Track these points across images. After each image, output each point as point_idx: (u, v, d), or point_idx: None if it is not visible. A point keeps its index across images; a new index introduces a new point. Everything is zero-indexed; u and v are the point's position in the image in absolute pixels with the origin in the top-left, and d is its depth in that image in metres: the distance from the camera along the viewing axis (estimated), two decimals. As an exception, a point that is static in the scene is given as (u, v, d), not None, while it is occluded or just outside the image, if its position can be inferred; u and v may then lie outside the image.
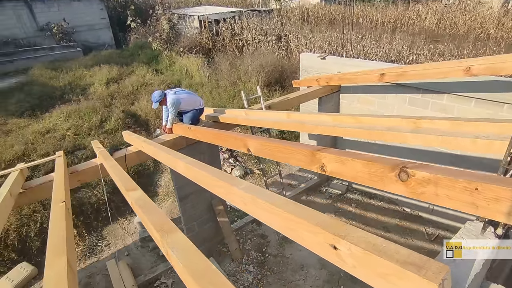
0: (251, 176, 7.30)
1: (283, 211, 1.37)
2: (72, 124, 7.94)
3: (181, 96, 4.37)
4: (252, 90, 9.20)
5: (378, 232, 5.46)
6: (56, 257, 1.44)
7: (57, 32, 15.43)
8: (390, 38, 11.70)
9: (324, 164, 1.79)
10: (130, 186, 2.11)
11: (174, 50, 12.96)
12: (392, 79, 4.50)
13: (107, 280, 4.99)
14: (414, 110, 4.96)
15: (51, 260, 1.44)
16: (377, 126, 2.37)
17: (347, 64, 5.75)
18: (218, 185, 1.87)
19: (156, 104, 4.34)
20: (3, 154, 6.90)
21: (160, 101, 4.33)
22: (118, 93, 10.24)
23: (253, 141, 2.42)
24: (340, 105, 6.11)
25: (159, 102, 4.32)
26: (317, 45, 11.12)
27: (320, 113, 2.96)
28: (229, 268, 5.11)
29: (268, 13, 15.69)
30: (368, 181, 1.54)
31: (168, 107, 4.32)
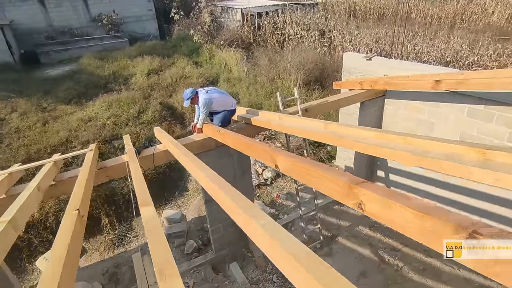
0: (282, 178, 7.02)
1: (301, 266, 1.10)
2: (112, 114, 8.22)
3: (213, 95, 4.18)
4: (290, 89, 8.85)
5: (418, 254, 4.93)
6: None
7: (107, 23, 16.21)
8: (447, 36, 10.56)
9: (362, 202, 1.48)
10: (144, 200, 1.96)
11: (214, 43, 12.95)
12: (450, 87, 3.93)
13: (132, 272, 5.06)
14: (473, 123, 4.31)
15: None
16: (432, 152, 1.97)
17: (395, 67, 5.18)
18: (237, 212, 1.64)
19: (187, 102, 4.18)
20: (50, 139, 7.33)
21: (191, 98, 4.17)
22: (157, 85, 10.44)
23: (282, 158, 2.15)
24: (384, 111, 5.57)
25: (190, 100, 4.17)
26: (362, 43, 10.37)
27: (362, 127, 2.58)
28: (252, 275, 4.93)
29: (312, 7, 15.05)
30: (418, 237, 1.20)
31: (200, 106, 4.17)
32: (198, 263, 5.08)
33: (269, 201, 6.46)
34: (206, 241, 5.56)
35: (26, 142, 7.21)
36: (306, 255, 1.16)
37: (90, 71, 11.71)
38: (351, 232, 5.51)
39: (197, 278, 4.92)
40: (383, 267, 4.82)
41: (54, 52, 14.58)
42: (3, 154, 6.79)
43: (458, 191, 4.80)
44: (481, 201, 4.52)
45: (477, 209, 4.61)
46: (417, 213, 1.18)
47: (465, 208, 4.75)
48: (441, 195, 5.06)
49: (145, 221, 1.70)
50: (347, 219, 5.78)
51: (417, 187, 5.43)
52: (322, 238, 5.24)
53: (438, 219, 1.11)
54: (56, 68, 13.02)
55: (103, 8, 16.48)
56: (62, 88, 10.15)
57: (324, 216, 5.85)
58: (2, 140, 7.41)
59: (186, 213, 6.27)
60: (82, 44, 15.28)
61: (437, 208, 1.19)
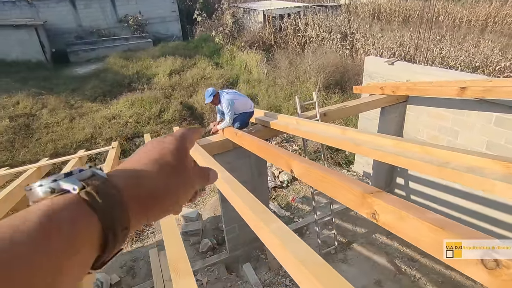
0: (298, 182, 6.99)
1: (310, 274, 1.11)
2: (135, 112, 8.49)
3: (235, 97, 4.23)
4: (309, 92, 8.79)
5: (437, 266, 4.76)
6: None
7: (133, 24, 16.73)
8: (476, 40, 10.14)
9: (376, 211, 1.46)
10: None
11: (235, 45, 13.07)
12: (476, 94, 3.78)
13: (148, 267, 5.21)
14: (502, 133, 4.12)
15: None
16: (452, 163, 1.91)
17: (418, 72, 5.04)
18: (250, 216, 1.67)
19: (210, 98, 4.17)
20: (76, 135, 7.67)
21: (213, 95, 4.16)
22: (178, 85, 10.68)
23: (297, 163, 2.16)
24: (406, 117, 5.42)
25: (211, 99, 4.16)
26: (385, 46, 10.14)
27: (379, 134, 2.54)
28: (264, 277, 4.94)
29: (335, 9, 14.88)
30: (433, 251, 1.18)
31: (223, 108, 4.18)
32: (212, 262, 5.15)
33: (285, 204, 6.45)
34: (221, 241, 5.63)
35: (54, 137, 7.58)
36: (315, 262, 1.17)
37: (115, 70, 12.14)
38: (367, 239, 5.41)
39: (210, 276, 4.99)
40: (399, 277, 4.70)
41: (83, 52, 15.23)
42: (33, 148, 7.17)
43: (480, 202, 4.60)
44: (504, 213, 4.32)
45: (499, 221, 4.41)
46: (433, 227, 1.16)
47: (487, 219, 4.55)
48: (462, 205, 4.87)
49: (161, 220, 1.76)
50: (363, 225, 5.67)
51: (437, 196, 5.26)
52: (337, 244, 5.18)
53: (455, 233, 1.09)
54: (84, 66, 13.60)
55: (129, 9, 17.03)
56: (89, 86, 10.59)
57: (340, 222, 5.77)
58: (32, 134, 7.84)
59: (202, 212, 6.37)
60: (108, 44, 15.86)
61: (454, 224, 1.16)
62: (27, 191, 0.30)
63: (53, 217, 0.26)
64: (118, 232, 0.30)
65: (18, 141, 7.53)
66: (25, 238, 0.24)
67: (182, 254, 1.36)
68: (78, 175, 0.31)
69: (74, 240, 0.27)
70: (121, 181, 0.33)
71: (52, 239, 0.25)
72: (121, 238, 0.31)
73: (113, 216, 0.30)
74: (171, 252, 1.38)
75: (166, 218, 1.79)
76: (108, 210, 0.29)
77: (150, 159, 0.37)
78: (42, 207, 0.27)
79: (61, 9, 15.81)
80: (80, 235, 0.28)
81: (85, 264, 0.29)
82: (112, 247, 0.30)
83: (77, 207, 0.28)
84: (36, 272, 0.24)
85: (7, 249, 0.23)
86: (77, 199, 0.29)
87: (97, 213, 0.29)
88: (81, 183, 0.30)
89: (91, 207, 0.29)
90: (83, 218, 0.28)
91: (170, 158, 0.38)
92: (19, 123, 8.15)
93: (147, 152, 0.38)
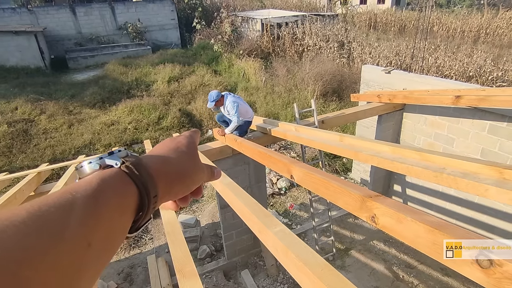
0: (296, 188, 7.03)
1: (314, 275, 1.15)
2: (134, 119, 8.52)
3: (239, 101, 4.23)
4: (307, 99, 8.90)
5: (435, 273, 4.79)
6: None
7: (132, 31, 16.88)
8: (470, 50, 10.37)
9: (375, 215, 1.51)
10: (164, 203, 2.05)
11: (234, 53, 13.22)
12: (471, 103, 3.87)
13: (146, 273, 5.18)
14: (495, 141, 4.22)
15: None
16: (448, 169, 1.98)
17: (415, 80, 5.15)
18: (253, 220, 1.71)
19: (212, 103, 4.06)
20: (75, 141, 7.68)
21: (216, 101, 4.06)
22: (177, 92, 10.75)
23: (297, 169, 2.21)
24: (403, 125, 5.52)
25: (215, 103, 4.06)
26: (382, 55, 10.33)
27: (377, 141, 2.61)
28: (263, 284, 4.94)
29: (332, 18, 15.14)
30: (430, 252, 1.23)
31: (229, 109, 4.05)
32: (210, 268, 5.14)
33: (283, 210, 6.48)
34: (219, 247, 5.62)
35: (52, 143, 7.58)
36: (317, 263, 1.21)
37: (114, 77, 12.21)
38: (365, 246, 5.43)
39: (208, 283, 4.98)
40: (397, 284, 4.71)
41: (82, 58, 15.30)
42: (31, 153, 7.16)
43: (475, 208, 4.67)
44: (498, 219, 4.40)
45: (494, 227, 4.49)
46: (429, 228, 1.21)
47: (481, 225, 4.62)
48: (457, 212, 4.94)
49: (165, 223, 1.80)
50: (361, 232, 5.71)
51: (433, 203, 5.33)
52: (335, 251, 5.20)
53: (449, 234, 1.14)
54: (83, 73, 13.66)
55: (129, 17, 17.20)
56: (88, 93, 10.63)
57: (338, 229, 5.80)
58: (30, 140, 7.83)
59: (200, 219, 6.37)
60: (107, 51, 15.96)
61: (449, 225, 1.22)
62: (78, 169, 0.37)
63: (106, 182, 0.33)
64: (151, 197, 0.37)
65: (16, 146, 7.52)
66: (89, 192, 0.31)
67: (187, 255, 1.39)
68: (118, 154, 0.38)
69: (122, 201, 0.34)
70: (149, 160, 0.40)
71: (110, 197, 0.32)
72: (152, 204, 0.38)
73: (147, 185, 0.36)
74: (176, 253, 1.42)
75: (169, 220, 1.82)
76: (143, 179, 0.36)
77: (169, 149, 0.45)
78: (97, 176, 0.34)
79: (60, 16, 15.94)
80: (125, 199, 0.34)
81: (127, 226, 0.36)
82: (145, 209, 0.37)
83: (120, 177, 0.35)
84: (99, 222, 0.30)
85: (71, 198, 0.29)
86: (119, 171, 0.36)
87: (135, 182, 0.36)
88: (121, 160, 0.37)
89: (130, 177, 0.36)
90: (125, 186, 0.35)
91: (184, 148, 0.47)
92: (17, 128, 8.15)
93: (164, 146, 0.47)
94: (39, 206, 0.27)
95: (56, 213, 0.27)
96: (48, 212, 0.27)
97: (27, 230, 0.24)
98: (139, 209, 0.36)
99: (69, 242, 0.27)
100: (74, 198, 0.29)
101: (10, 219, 0.25)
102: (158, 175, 0.39)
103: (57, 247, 0.25)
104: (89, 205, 0.30)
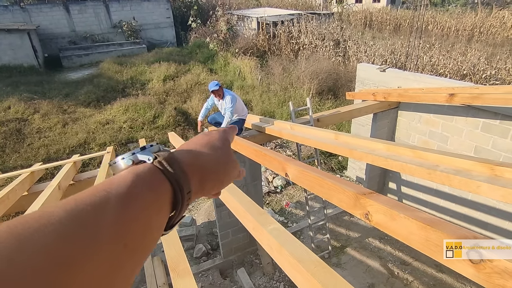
0: (292, 187, 7.05)
1: (308, 273, 1.16)
2: (129, 117, 8.47)
3: (238, 98, 4.24)
4: (302, 98, 8.91)
5: (429, 269, 4.84)
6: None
7: (127, 30, 16.75)
8: (464, 49, 10.46)
9: (369, 212, 1.52)
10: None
11: (229, 51, 13.19)
12: (464, 101, 3.90)
13: (142, 272, 5.16)
14: (488, 138, 4.26)
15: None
16: (441, 166, 1.99)
17: (409, 78, 5.18)
18: (247, 219, 1.71)
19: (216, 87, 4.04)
20: (69, 140, 7.61)
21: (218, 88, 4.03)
22: (173, 90, 10.70)
23: (292, 167, 2.21)
24: (398, 123, 5.55)
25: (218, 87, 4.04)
26: (377, 54, 10.37)
27: (372, 139, 2.62)
28: (259, 282, 4.95)
29: (328, 17, 15.16)
30: (422, 248, 1.24)
31: (227, 102, 4.06)
32: (206, 267, 5.14)
33: (279, 209, 6.49)
34: (215, 246, 5.62)
35: (46, 142, 7.51)
36: (311, 261, 1.22)
37: (109, 75, 12.11)
38: (361, 244, 5.47)
39: (204, 282, 4.98)
40: (392, 280, 4.75)
41: (76, 57, 15.16)
42: (25, 153, 7.09)
43: (469, 206, 4.73)
44: (490, 216, 4.46)
45: (487, 223, 4.55)
46: (422, 225, 1.22)
47: (474, 222, 4.68)
48: (452, 209, 4.99)
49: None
50: (356, 230, 5.74)
51: (427, 200, 5.37)
52: (330, 248, 5.22)
53: (441, 232, 1.15)
54: (77, 72, 13.53)
55: (123, 15, 17.06)
56: (82, 92, 10.54)
57: (334, 226, 5.82)
58: (24, 139, 7.75)
59: (196, 217, 6.36)
60: (102, 49, 15.82)
61: (441, 221, 1.23)
62: (111, 165, 0.37)
63: (140, 178, 0.32)
64: (185, 194, 0.36)
65: (9, 146, 7.44)
66: (123, 189, 0.30)
67: (181, 254, 1.39)
68: (150, 149, 0.38)
69: (157, 197, 0.33)
70: (181, 155, 0.39)
71: (145, 194, 0.31)
72: (186, 200, 0.37)
73: (180, 181, 0.35)
74: (170, 252, 1.41)
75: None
76: (176, 175, 0.35)
77: (201, 144, 0.44)
78: (132, 171, 0.33)
79: (54, 14, 15.76)
80: (160, 196, 0.33)
81: (163, 224, 0.35)
82: (179, 205, 0.36)
83: (154, 173, 0.34)
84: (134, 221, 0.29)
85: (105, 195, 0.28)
86: (153, 167, 0.35)
87: (169, 178, 0.35)
88: (153, 155, 0.36)
89: (163, 174, 0.35)
90: (159, 182, 0.34)
91: (217, 143, 0.45)
92: (10, 128, 8.05)
93: (196, 141, 0.45)
94: (76, 204, 0.26)
95: (92, 212, 0.26)
96: (85, 211, 0.26)
97: (65, 231, 0.23)
98: (174, 206, 0.35)
99: (106, 244, 0.25)
100: (109, 195, 0.28)
101: (48, 217, 0.23)
102: (191, 170, 0.38)
103: (95, 251, 0.24)
104: (124, 203, 0.29)
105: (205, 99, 9.07)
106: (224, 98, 4.10)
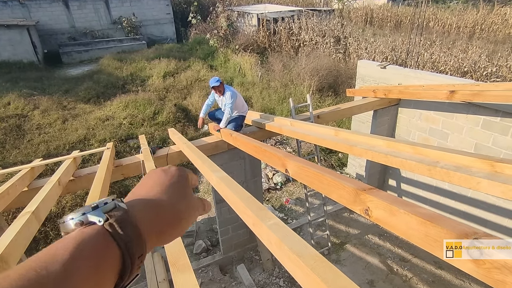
0: (292, 183, 7.05)
1: (307, 267, 1.16)
2: (129, 114, 8.45)
3: (237, 94, 4.21)
4: (303, 95, 8.89)
5: (428, 266, 4.86)
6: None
7: (127, 26, 16.69)
8: (465, 46, 10.41)
9: (369, 208, 1.52)
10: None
11: (230, 47, 13.14)
12: (465, 98, 3.90)
13: (142, 268, 5.18)
14: (488, 136, 4.26)
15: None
16: (441, 163, 1.99)
17: (410, 75, 5.17)
18: (247, 214, 1.71)
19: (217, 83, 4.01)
20: (69, 136, 7.61)
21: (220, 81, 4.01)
22: (173, 87, 10.68)
23: (292, 163, 2.21)
24: (398, 120, 5.54)
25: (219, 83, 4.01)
26: (378, 50, 10.33)
27: (373, 136, 2.62)
28: (258, 278, 4.97)
29: (329, 13, 15.08)
30: (422, 243, 1.24)
31: (227, 98, 4.04)
32: (206, 263, 5.16)
33: (278, 205, 6.50)
34: (215, 242, 5.64)
35: (46, 139, 7.50)
36: (311, 255, 1.22)
37: (109, 71, 12.08)
38: (360, 240, 5.48)
39: (204, 278, 4.99)
40: (391, 277, 4.77)
41: (76, 53, 15.11)
42: (25, 149, 7.09)
43: (469, 203, 4.73)
44: (491, 213, 4.47)
45: (486, 220, 4.56)
46: (422, 220, 1.22)
47: (475, 219, 4.68)
48: (451, 206, 5.00)
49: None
50: (356, 227, 5.75)
51: (427, 197, 5.38)
52: (330, 245, 5.24)
53: (441, 227, 1.15)
54: (77, 68, 13.49)
55: (123, 11, 16.98)
56: (82, 88, 10.51)
57: (333, 223, 5.84)
58: (24, 135, 7.74)
59: (196, 214, 6.37)
60: (102, 45, 15.77)
61: (441, 217, 1.23)
62: (60, 224, 0.35)
63: (82, 247, 0.31)
64: (135, 259, 0.34)
65: (9, 142, 7.43)
66: (59, 267, 0.28)
67: (181, 249, 1.39)
68: (104, 207, 0.36)
69: (101, 264, 0.31)
70: (140, 213, 0.38)
71: (82, 267, 0.30)
72: (137, 264, 0.35)
73: (131, 245, 0.34)
74: (170, 248, 1.42)
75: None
76: (127, 239, 0.34)
77: (161, 186, 0.43)
78: (73, 238, 0.32)
79: (53, 10, 15.68)
80: (104, 262, 0.32)
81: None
82: (128, 271, 0.34)
83: (102, 237, 0.33)
84: None
85: (45, 275, 0.27)
86: (102, 230, 0.33)
87: (118, 243, 0.33)
88: (105, 216, 0.34)
89: (113, 237, 0.33)
90: (106, 247, 0.33)
91: (177, 185, 0.44)
92: (10, 124, 8.04)
93: (155, 181, 0.44)
94: (19, 278, 0.26)
95: None
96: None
97: None
98: (122, 272, 0.34)
99: None
100: (47, 274, 0.27)
101: None
102: (148, 229, 0.37)
103: None
104: (60, 283, 0.28)
105: (205, 95, 9.07)
106: (224, 94, 4.08)
